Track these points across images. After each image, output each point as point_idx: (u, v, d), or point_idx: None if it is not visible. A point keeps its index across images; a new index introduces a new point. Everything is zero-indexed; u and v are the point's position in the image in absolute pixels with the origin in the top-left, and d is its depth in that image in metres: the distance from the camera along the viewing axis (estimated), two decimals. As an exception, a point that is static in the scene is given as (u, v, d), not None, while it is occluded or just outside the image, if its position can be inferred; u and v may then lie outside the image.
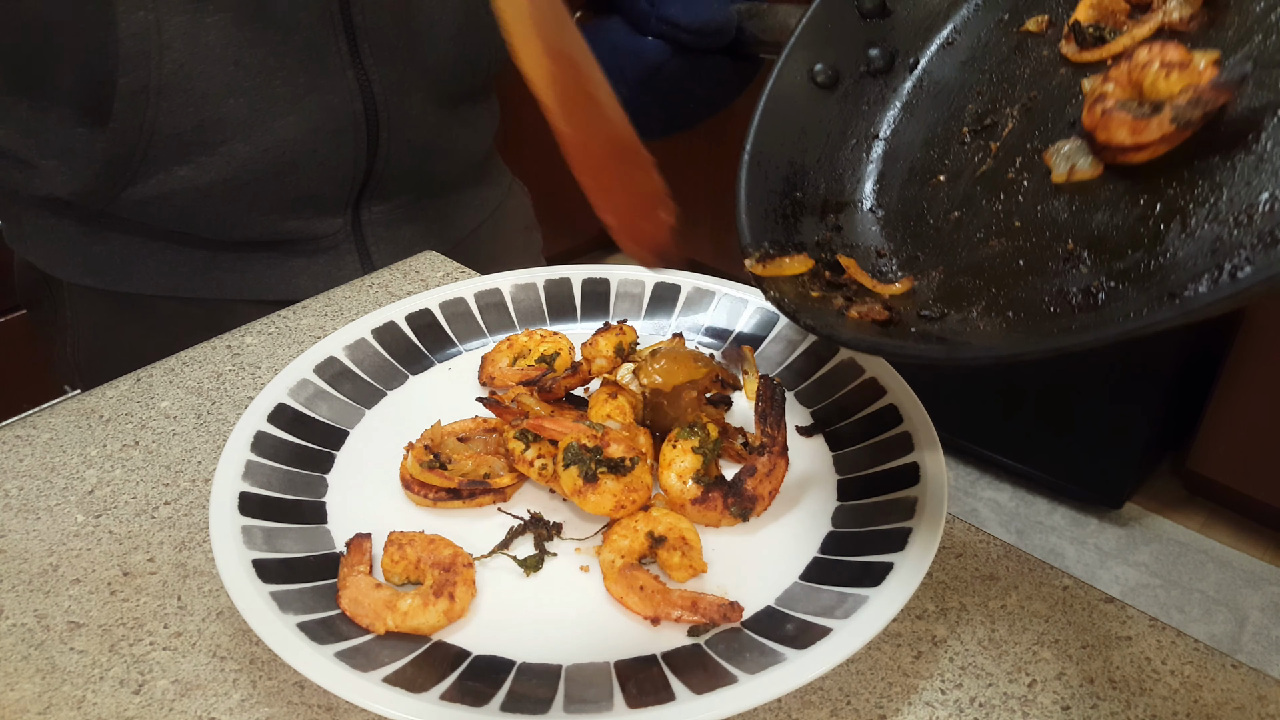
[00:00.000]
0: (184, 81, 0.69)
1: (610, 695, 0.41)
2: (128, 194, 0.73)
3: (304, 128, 0.74)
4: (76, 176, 0.73)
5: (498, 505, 0.54)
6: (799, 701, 0.45)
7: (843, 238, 0.52)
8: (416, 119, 0.80)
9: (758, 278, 0.49)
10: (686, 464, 0.52)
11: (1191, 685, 0.46)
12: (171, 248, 0.79)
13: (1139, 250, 0.40)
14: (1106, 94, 0.44)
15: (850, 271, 0.49)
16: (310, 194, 0.78)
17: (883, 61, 0.55)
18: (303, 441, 0.56)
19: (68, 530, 0.54)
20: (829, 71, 0.55)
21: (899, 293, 0.48)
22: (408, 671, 0.42)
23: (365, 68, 0.75)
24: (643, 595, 0.46)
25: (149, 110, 0.69)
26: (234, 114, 0.71)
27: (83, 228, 0.78)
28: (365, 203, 0.82)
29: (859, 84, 0.55)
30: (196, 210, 0.75)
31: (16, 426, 0.62)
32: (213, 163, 0.73)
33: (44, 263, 0.82)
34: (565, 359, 0.63)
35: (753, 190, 0.51)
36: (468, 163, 0.90)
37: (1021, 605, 0.50)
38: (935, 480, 0.51)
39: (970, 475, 2.20)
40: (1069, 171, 0.45)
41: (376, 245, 0.85)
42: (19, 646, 0.47)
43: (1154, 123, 0.41)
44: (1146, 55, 0.43)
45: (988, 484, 2.18)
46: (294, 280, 0.82)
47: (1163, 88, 0.42)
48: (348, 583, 0.47)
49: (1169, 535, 2.04)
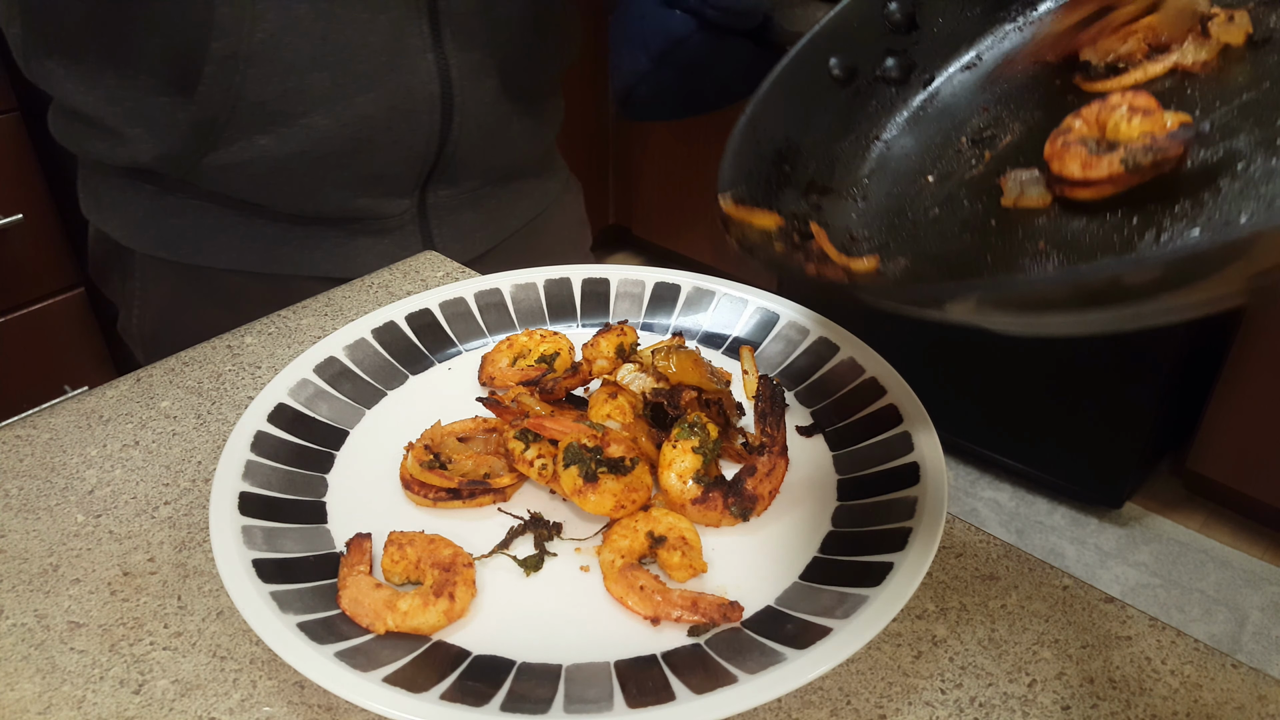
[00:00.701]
0: (272, 51, 0.71)
1: (610, 695, 0.41)
2: (209, 160, 0.75)
3: (382, 106, 0.76)
4: (161, 142, 0.75)
5: (498, 505, 0.54)
6: (799, 701, 0.45)
7: (820, 215, 0.52)
8: (488, 106, 0.82)
9: (725, 217, 0.49)
10: (686, 464, 0.52)
11: (1191, 685, 0.46)
12: (244, 222, 0.81)
13: (1109, 254, 0.40)
14: (1072, 128, 0.45)
15: (818, 239, 0.49)
16: (382, 173, 0.80)
17: (898, 73, 0.56)
18: (303, 441, 0.56)
19: (68, 530, 0.54)
20: (845, 68, 0.55)
21: (863, 269, 0.48)
22: (408, 671, 0.42)
23: (445, 52, 0.77)
24: (643, 595, 0.46)
25: (237, 77, 0.71)
26: (317, 87, 0.73)
27: (159, 200, 0.81)
28: (433, 186, 0.84)
29: (871, 85, 0.56)
30: (273, 181, 0.77)
31: (16, 426, 0.62)
32: (293, 134, 0.75)
33: (118, 233, 0.84)
34: (565, 359, 0.63)
35: (743, 150, 0.51)
36: (531, 154, 0.92)
37: (1021, 605, 0.50)
38: (935, 480, 0.51)
39: (970, 475, 2.20)
40: (1017, 197, 0.46)
41: (440, 229, 0.87)
42: (19, 646, 0.47)
43: (1105, 161, 0.42)
44: (1119, 99, 0.44)
45: (988, 484, 2.18)
46: (359, 259, 0.84)
47: (1124, 130, 0.43)
48: (348, 583, 0.47)
49: (1169, 535, 2.04)
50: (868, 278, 0.47)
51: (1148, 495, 2.13)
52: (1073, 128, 0.45)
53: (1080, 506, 2.11)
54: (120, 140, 0.76)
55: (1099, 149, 0.43)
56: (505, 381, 0.62)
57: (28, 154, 1.73)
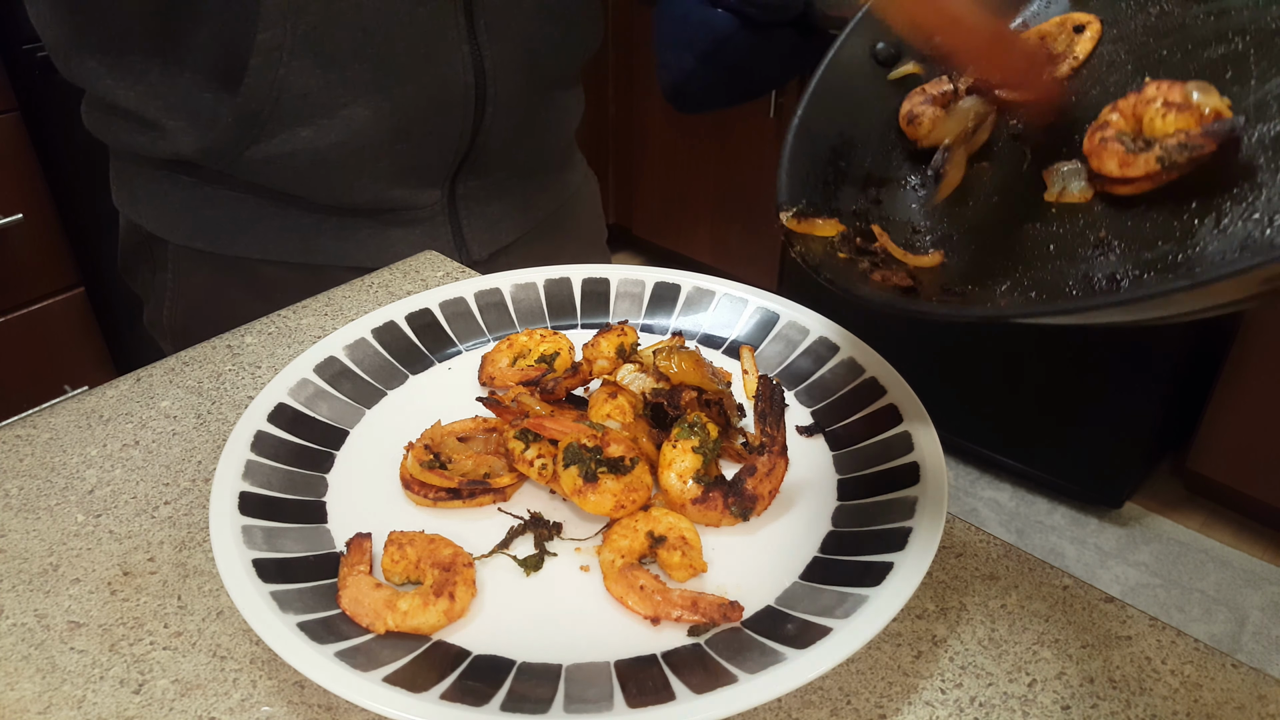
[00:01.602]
0: (315, 44, 0.72)
1: (610, 695, 0.41)
2: (251, 153, 0.76)
3: (420, 96, 0.77)
4: (204, 136, 0.76)
5: (498, 505, 0.54)
6: (799, 701, 0.45)
7: (880, 210, 0.52)
8: (518, 97, 0.83)
9: (788, 232, 0.49)
10: (687, 464, 0.52)
11: (1191, 685, 0.46)
12: (279, 213, 0.82)
13: (1169, 242, 0.40)
14: (1110, 123, 0.44)
15: (881, 240, 0.49)
16: (417, 163, 0.81)
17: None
18: (303, 441, 0.56)
19: (68, 530, 0.54)
20: (890, 49, 0.55)
21: (928, 264, 0.48)
22: (408, 671, 0.42)
23: (479, 43, 0.78)
24: (643, 595, 0.46)
25: (281, 69, 0.72)
26: (358, 78, 0.74)
27: (196, 191, 0.81)
28: (463, 176, 0.85)
29: (920, 65, 0.55)
30: (312, 173, 0.78)
31: (16, 426, 0.62)
32: (333, 125, 0.76)
33: (153, 224, 0.85)
34: (565, 359, 0.63)
35: (797, 154, 0.51)
36: (556, 145, 0.94)
37: (1021, 605, 0.50)
38: (935, 480, 0.51)
39: (970, 475, 2.20)
40: (1060, 193, 0.45)
41: (468, 219, 0.88)
42: (19, 646, 0.47)
43: (1141, 159, 0.41)
44: (1154, 91, 0.43)
45: (988, 484, 2.18)
46: (391, 249, 0.85)
47: (1159, 126, 0.42)
48: (348, 582, 0.47)
49: (1169, 535, 2.04)
50: (932, 282, 0.46)
51: (1148, 495, 2.13)
52: (1109, 122, 0.44)
53: (1080, 506, 2.11)
54: (162, 134, 0.77)
55: (1135, 146, 0.42)
56: (505, 381, 0.62)
57: (28, 154, 1.73)
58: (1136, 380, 1.89)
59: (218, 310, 0.84)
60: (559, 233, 0.97)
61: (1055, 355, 1.95)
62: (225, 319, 0.74)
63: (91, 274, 1.89)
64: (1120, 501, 2.07)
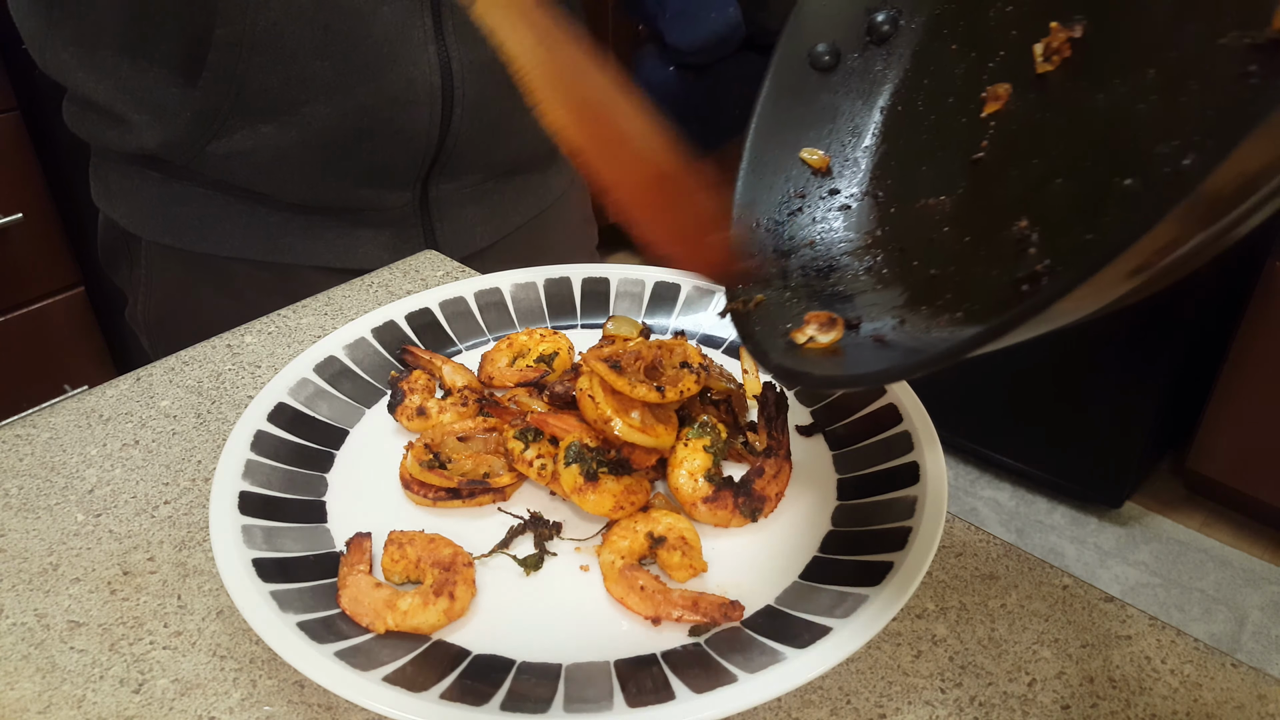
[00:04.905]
0: (275, 39, 0.71)
1: (610, 694, 0.41)
2: (213, 148, 0.76)
3: (383, 97, 0.76)
4: (166, 129, 0.76)
5: (498, 505, 0.54)
6: (799, 701, 0.45)
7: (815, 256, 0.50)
8: (490, 100, 0.82)
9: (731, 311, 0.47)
10: (698, 463, 0.52)
11: (1191, 684, 0.46)
12: (246, 210, 0.82)
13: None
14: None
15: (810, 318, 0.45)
16: (383, 164, 0.81)
17: (889, 27, 0.51)
18: (303, 441, 0.56)
19: (68, 529, 0.54)
20: (829, 53, 0.53)
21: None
22: (408, 671, 0.42)
23: (446, 45, 0.77)
24: (643, 595, 0.46)
25: (240, 64, 0.72)
26: (319, 76, 0.74)
27: (164, 187, 0.81)
28: (434, 179, 0.84)
29: (864, 55, 0.53)
30: (275, 170, 0.78)
31: (16, 426, 0.62)
32: (294, 122, 0.75)
33: (126, 220, 0.85)
34: (565, 359, 0.63)
35: (749, 195, 0.51)
36: (534, 150, 0.93)
37: (1021, 604, 0.50)
38: (935, 479, 0.51)
39: (970, 475, 2.20)
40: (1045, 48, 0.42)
41: (441, 222, 0.87)
42: (19, 646, 0.47)
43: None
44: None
45: (988, 483, 2.18)
46: (361, 249, 0.84)
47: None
48: (348, 582, 0.47)
49: (1169, 535, 2.04)
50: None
51: (1148, 495, 2.13)
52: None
53: (1080, 506, 2.11)
54: (128, 128, 0.77)
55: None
56: (504, 381, 0.62)
57: (28, 153, 1.73)
58: (1136, 380, 1.89)
59: (188, 307, 0.85)
60: (541, 238, 0.96)
61: (1055, 354, 1.95)
62: (196, 315, 0.74)
63: (91, 274, 1.88)
64: (1120, 501, 2.07)
